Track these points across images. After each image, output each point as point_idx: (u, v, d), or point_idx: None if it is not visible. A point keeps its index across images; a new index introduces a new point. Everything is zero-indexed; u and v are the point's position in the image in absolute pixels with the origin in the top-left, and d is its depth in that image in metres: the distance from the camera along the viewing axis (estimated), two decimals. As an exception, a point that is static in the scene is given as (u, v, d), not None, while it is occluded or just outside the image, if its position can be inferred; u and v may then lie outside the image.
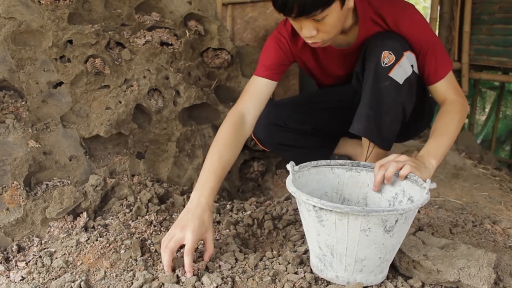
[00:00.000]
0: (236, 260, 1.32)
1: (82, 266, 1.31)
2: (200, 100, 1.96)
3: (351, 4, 1.41)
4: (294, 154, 1.82)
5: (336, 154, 1.96)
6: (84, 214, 1.55)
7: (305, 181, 1.33)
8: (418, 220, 1.61)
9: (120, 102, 1.78)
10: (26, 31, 1.70)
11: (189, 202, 1.34)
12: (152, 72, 1.86)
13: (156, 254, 1.36)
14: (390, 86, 1.49)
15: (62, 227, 1.50)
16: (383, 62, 1.48)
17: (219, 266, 1.29)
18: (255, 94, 1.57)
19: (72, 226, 1.51)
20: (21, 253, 1.41)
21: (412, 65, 1.50)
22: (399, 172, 1.25)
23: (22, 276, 1.27)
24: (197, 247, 1.39)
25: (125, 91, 1.80)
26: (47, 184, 1.60)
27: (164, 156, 1.89)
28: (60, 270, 1.29)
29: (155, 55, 1.91)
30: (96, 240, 1.40)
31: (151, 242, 1.42)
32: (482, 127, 3.82)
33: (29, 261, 1.36)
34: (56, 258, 1.35)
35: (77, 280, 1.22)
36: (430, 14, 3.57)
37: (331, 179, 1.38)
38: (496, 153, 3.71)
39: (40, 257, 1.36)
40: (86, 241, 1.41)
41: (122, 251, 1.35)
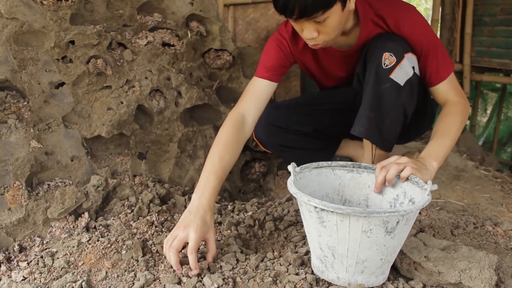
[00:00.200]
0: (237, 260, 1.33)
1: (83, 266, 1.31)
2: (201, 101, 1.96)
3: (352, 5, 1.41)
4: (295, 155, 1.81)
5: (338, 155, 1.96)
6: (86, 214, 1.55)
7: (306, 182, 1.33)
8: (419, 221, 1.61)
9: (122, 103, 1.79)
10: (28, 31, 1.70)
11: (191, 203, 1.34)
12: (154, 73, 1.87)
13: (158, 254, 1.36)
14: (391, 88, 1.49)
15: (63, 227, 1.51)
16: (384, 64, 1.48)
17: (220, 266, 1.29)
18: (256, 95, 1.57)
19: (73, 226, 1.52)
20: (22, 253, 1.41)
21: (413, 67, 1.50)
22: (400, 174, 1.26)
23: (23, 276, 1.28)
24: (199, 248, 1.39)
25: (126, 92, 1.81)
26: (48, 184, 1.60)
27: (166, 156, 1.89)
28: (61, 270, 1.29)
29: (157, 56, 1.91)
30: (98, 241, 1.41)
31: (153, 242, 1.42)
32: (484, 128, 3.81)
33: (31, 261, 1.36)
34: (58, 258, 1.35)
35: (78, 280, 1.23)
36: (432, 16, 3.57)
37: (332, 180, 1.38)
38: (498, 155, 3.71)
39: (42, 257, 1.36)
40: (88, 241, 1.41)
41: (124, 252, 1.35)
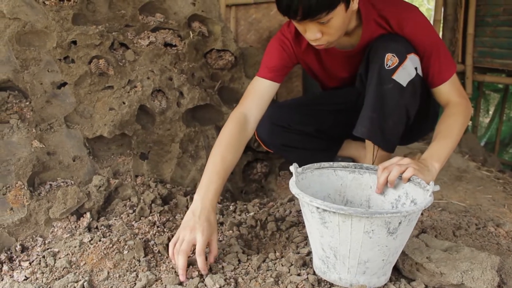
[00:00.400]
0: (239, 261, 1.32)
1: (85, 266, 1.31)
2: (203, 101, 1.96)
3: (356, 6, 1.41)
4: (297, 155, 1.81)
5: (340, 156, 1.96)
6: (88, 214, 1.55)
7: (308, 183, 1.33)
8: (421, 222, 1.61)
9: (124, 103, 1.79)
10: (30, 31, 1.71)
11: (193, 204, 1.33)
12: (156, 73, 1.87)
13: (160, 255, 1.36)
14: (394, 88, 1.49)
15: (65, 227, 1.51)
16: (387, 65, 1.48)
17: (222, 267, 1.29)
18: (258, 96, 1.57)
19: (75, 227, 1.52)
20: (24, 253, 1.41)
21: (416, 68, 1.50)
22: (402, 175, 1.25)
23: (25, 276, 1.28)
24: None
25: (128, 92, 1.81)
26: (50, 184, 1.61)
27: (168, 157, 1.89)
28: (63, 270, 1.29)
29: (159, 56, 1.91)
30: (100, 241, 1.41)
31: (154, 243, 1.42)
32: (486, 129, 3.80)
33: (33, 261, 1.36)
34: (60, 258, 1.35)
35: (80, 280, 1.23)
36: (434, 16, 3.57)
37: (334, 181, 1.38)
38: (500, 156, 3.70)
39: (44, 257, 1.36)
40: (90, 241, 1.41)
41: (125, 252, 1.35)
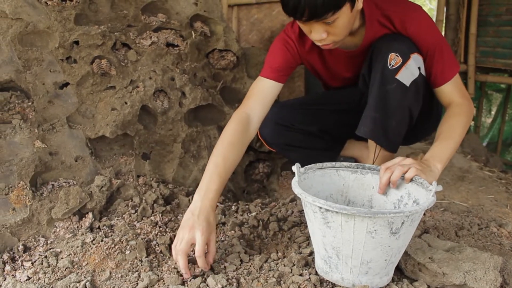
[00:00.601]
0: (241, 261, 1.32)
1: (87, 266, 1.31)
2: (205, 101, 1.96)
3: (360, 5, 1.40)
4: (300, 155, 1.81)
5: (342, 156, 1.96)
6: (90, 214, 1.55)
7: (310, 183, 1.32)
8: (423, 222, 1.60)
9: (126, 103, 1.79)
10: (33, 32, 1.71)
11: (193, 203, 1.33)
12: (158, 73, 1.87)
13: (162, 255, 1.36)
14: (397, 88, 1.49)
15: (67, 228, 1.51)
16: (390, 64, 1.47)
17: (224, 267, 1.29)
18: (261, 96, 1.57)
19: (77, 227, 1.52)
20: (27, 253, 1.42)
21: (419, 68, 1.49)
22: (404, 175, 1.25)
23: (28, 276, 1.28)
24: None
25: (131, 92, 1.81)
26: (53, 185, 1.61)
27: (170, 157, 1.89)
28: (65, 270, 1.29)
29: (161, 56, 1.91)
30: (102, 241, 1.41)
31: (156, 243, 1.42)
32: (488, 129, 3.79)
33: (35, 261, 1.36)
34: (62, 258, 1.35)
35: (82, 280, 1.23)
36: (436, 16, 3.56)
37: (336, 181, 1.38)
38: (502, 156, 3.69)
39: (46, 257, 1.36)
40: (92, 241, 1.41)
41: (128, 252, 1.35)
